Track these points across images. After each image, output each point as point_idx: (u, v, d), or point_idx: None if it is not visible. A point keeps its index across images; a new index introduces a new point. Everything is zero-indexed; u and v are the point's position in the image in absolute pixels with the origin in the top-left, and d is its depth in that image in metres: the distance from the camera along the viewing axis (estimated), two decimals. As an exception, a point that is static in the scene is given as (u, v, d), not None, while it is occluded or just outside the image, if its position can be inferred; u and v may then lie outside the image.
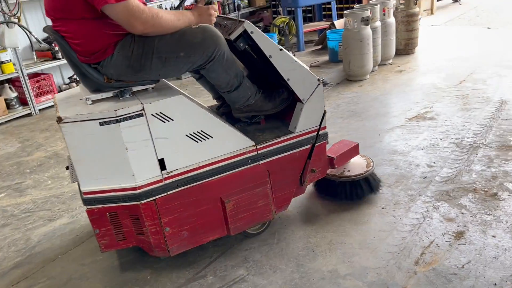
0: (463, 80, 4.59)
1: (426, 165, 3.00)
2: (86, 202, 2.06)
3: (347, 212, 2.56)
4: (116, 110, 1.89)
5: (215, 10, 2.07)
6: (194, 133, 2.06)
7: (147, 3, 2.33)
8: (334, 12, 7.32)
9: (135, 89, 2.08)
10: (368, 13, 4.67)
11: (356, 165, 2.64)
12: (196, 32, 1.98)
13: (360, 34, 4.71)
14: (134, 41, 1.95)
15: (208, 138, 2.09)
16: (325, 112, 2.33)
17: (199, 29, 1.99)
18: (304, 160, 2.37)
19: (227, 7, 7.73)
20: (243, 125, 2.38)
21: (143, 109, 1.93)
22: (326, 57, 6.15)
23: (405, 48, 5.85)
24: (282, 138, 2.27)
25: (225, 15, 2.36)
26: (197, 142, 2.07)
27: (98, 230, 2.11)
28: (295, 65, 2.19)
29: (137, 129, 1.94)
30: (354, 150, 2.62)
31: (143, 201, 2.03)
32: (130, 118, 1.91)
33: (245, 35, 2.08)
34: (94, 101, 2.03)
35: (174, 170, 2.06)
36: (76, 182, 2.12)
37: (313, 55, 6.48)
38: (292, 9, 6.90)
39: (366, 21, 4.68)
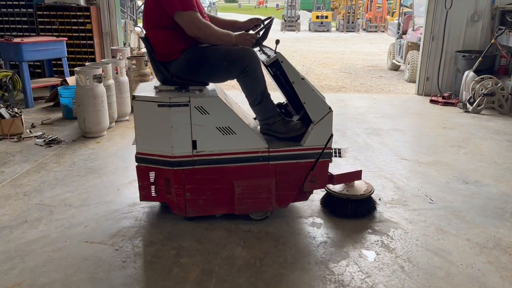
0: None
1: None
2: (137, 160, 2.84)
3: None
4: (170, 98, 2.66)
5: (253, 38, 2.75)
6: (222, 127, 2.73)
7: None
8: (66, 69, 6.82)
9: (191, 88, 2.83)
10: (100, 71, 4.73)
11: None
12: (238, 51, 2.70)
13: (94, 91, 4.69)
14: (195, 50, 2.72)
15: (232, 134, 2.75)
16: (331, 136, 2.86)
17: (242, 49, 2.71)
18: (307, 170, 2.90)
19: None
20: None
21: (189, 101, 2.67)
22: (59, 114, 5.76)
23: None
24: (292, 148, 2.85)
25: (267, 46, 3.03)
26: (223, 134, 2.75)
27: (141, 183, 2.88)
28: (311, 93, 2.78)
29: (182, 114, 2.68)
30: (355, 175, 3.07)
31: (175, 168, 2.75)
32: (179, 105, 2.66)
33: (277, 63, 2.73)
34: (160, 90, 2.82)
35: (201, 151, 2.75)
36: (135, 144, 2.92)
37: (45, 112, 6.05)
38: (17, 63, 6.28)
39: (98, 78, 4.71)
